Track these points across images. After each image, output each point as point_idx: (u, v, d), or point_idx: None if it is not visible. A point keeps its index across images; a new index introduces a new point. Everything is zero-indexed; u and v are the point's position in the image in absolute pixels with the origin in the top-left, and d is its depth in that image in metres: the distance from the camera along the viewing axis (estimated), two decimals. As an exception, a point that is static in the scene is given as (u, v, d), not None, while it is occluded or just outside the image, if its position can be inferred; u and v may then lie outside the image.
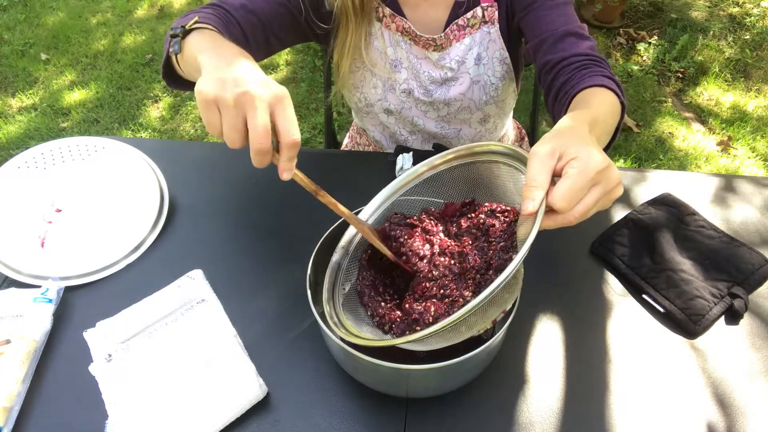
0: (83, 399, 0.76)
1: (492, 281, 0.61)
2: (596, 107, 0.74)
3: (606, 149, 0.74)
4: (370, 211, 0.76)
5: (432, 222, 0.71)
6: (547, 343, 0.81)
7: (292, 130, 0.59)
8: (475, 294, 0.61)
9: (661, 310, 0.83)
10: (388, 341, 0.60)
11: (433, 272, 0.67)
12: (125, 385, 0.74)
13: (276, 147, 0.61)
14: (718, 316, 0.82)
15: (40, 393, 0.77)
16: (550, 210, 0.55)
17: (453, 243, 0.68)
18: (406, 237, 0.70)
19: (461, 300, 0.63)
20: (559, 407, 0.74)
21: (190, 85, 0.87)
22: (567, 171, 0.55)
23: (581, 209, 0.55)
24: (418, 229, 0.71)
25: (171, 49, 0.77)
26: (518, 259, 0.52)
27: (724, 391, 0.76)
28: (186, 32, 0.76)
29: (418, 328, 0.63)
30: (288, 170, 0.61)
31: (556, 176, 0.56)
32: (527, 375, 0.78)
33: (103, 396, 0.74)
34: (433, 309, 0.63)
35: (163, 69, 0.85)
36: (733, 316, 0.83)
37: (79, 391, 0.76)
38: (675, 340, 0.81)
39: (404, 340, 0.58)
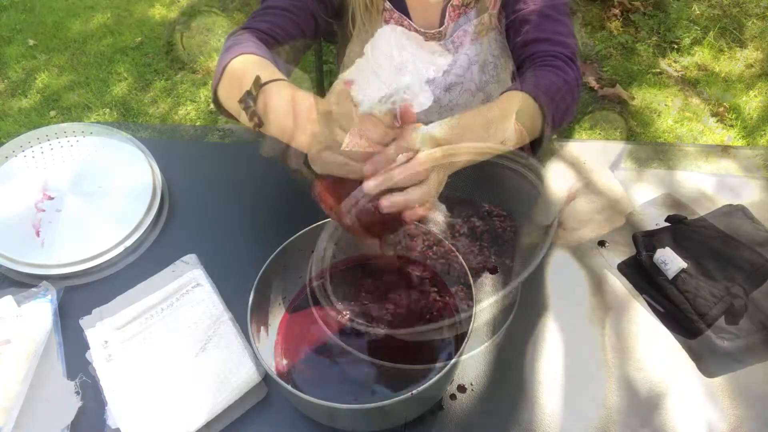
0: (83, 398, 0.75)
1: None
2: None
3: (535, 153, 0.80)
4: None
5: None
6: (547, 343, 0.81)
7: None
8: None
9: (661, 310, 0.84)
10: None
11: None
12: (123, 370, 0.75)
13: None
14: (718, 316, 0.83)
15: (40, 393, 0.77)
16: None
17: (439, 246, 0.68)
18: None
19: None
20: (560, 407, 0.75)
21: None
22: None
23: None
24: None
25: (250, 122, 0.71)
26: (531, 267, 0.54)
27: (723, 391, 0.77)
28: (255, 98, 0.70)
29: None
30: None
31: None
32: (527, 375, 0.78)
33: (101, 382, 0.75)
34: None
35: (214, 101, 0.85)
36: (733, 316, 0.84)
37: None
38: (675, 340, 0.82)
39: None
